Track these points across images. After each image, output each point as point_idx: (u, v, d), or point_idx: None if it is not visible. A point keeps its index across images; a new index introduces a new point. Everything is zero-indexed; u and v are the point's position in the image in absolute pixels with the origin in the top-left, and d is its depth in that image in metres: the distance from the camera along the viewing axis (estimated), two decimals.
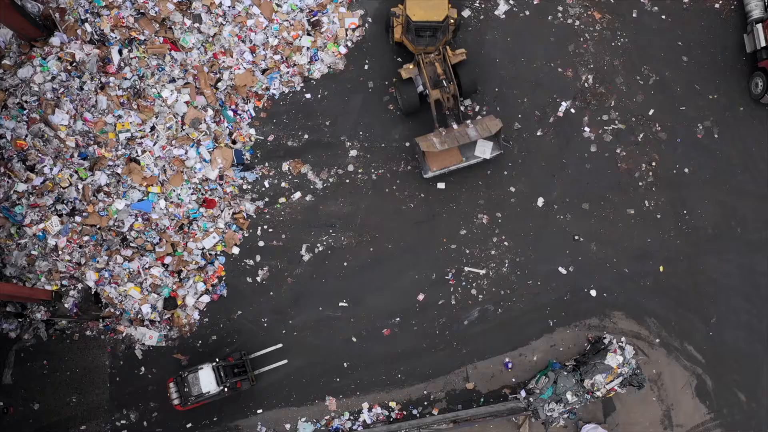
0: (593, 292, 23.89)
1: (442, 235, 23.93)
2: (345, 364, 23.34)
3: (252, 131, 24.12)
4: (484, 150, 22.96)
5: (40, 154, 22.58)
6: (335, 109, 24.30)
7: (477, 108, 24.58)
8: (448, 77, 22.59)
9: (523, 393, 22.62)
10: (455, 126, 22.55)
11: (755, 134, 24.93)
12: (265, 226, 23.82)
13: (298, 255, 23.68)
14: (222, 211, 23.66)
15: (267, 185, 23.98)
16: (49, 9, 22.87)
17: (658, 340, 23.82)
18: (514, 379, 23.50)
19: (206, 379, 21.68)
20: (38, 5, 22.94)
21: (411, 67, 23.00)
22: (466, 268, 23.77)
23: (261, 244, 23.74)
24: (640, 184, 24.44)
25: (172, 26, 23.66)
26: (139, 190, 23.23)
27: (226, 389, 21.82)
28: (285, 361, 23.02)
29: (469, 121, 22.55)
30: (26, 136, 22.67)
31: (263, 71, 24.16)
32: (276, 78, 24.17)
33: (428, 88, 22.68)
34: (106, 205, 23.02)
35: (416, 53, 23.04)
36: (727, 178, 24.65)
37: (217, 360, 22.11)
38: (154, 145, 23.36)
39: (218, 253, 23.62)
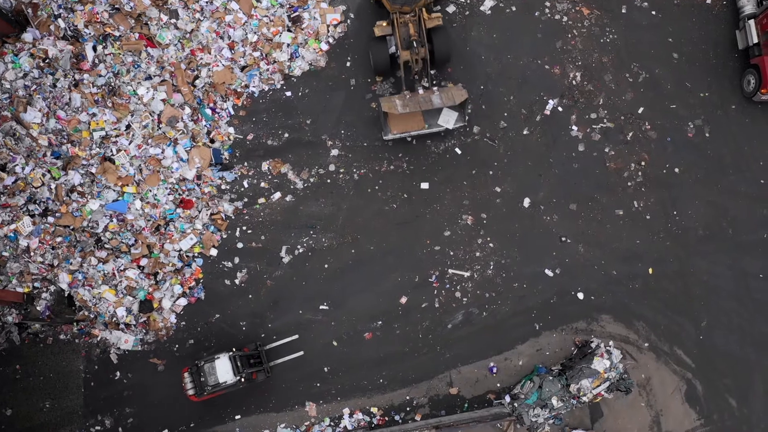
0: (580, 295, 23.69)
1: (425, 236, 23.73)
2: (325, 369, 23.16)
3: (231, 130, 23.92)
4: (448, 120, 22.89)
5: (11, 153, 22.33)
6: (316, 108, 24.09)
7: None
8: (420, 40, 22.42)
9: (507, 398, 22.46)
10: (421, 91, 22.39)
11: (747, 133, 24.69)
12: (244, 228, 23.62)
13: (277, 257, 23.50)
14: (200, 212, 23.47)
15: (246, 185, 23.78)
16: (21, 4, 22.60)
17: (646, 344, 23.62)
18: (498, 384, 23.31)
19: (223, 369, 21.53)
20: (10, 0, 22.62)
21: (385, 24, 22.88)
22: (450, 271, 23.54)
23: (240, 245, 23.54)
24: (629, 184, 24.24)
25: (148, 22, 23.45)
26: (114, 190, 23.03)
27: (242, 379, 21.62)
28: (301, 353, 22.90)
29: (435, 88, 22.45)
30: None
31: (242, 68, 23.95)
32: (255, 75, 23.95)
33: (399, 48, 22.52)
34: (80, 206, 22.82)
35: (392, 11, 22.86)
36: (718, 178, 24.43)
37: (234, 350, 21.91)
38: (129, 144, 23.16)
39: (196, 254, 23.44)
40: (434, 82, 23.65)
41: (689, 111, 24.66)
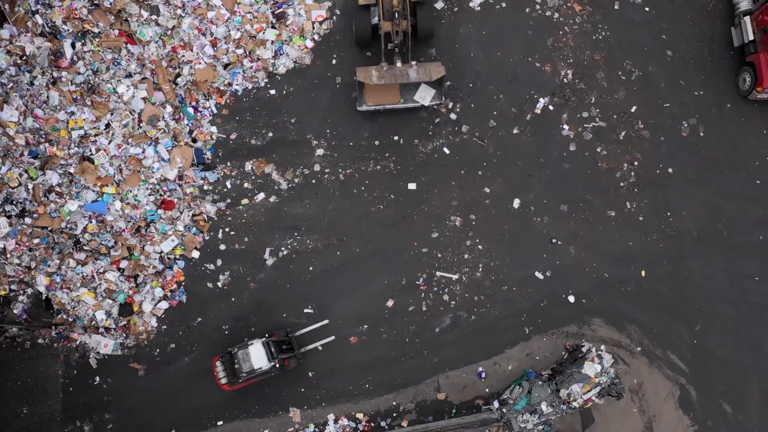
0: (571, 298, 23.55)
1: (412, 238, 23.56)
2: (310, 374, 23.00)
3: (213, 129, 23.73)
4: (425, 96, 22.88)
5: None
6: (301, 106, 23.91)
7: (450, 104, 24.11)
8: (402, 12, 22.40)
9: (496, 404, 22.34)
10: (399, 64, 22.35)
11: (743, 132, 24.53)
12: (227, 229, 23.45)
13: (261, 259, 23.33)
14: (181, 213, 23.30)
15: (229, 186, 23.60)
16: None
17: (639, 349, 23.48)
18: (487, 390, 23.17)
19: (257, 355, 21.51)
20: None
21: None
22: (438, 273, 23.36)
23: (222, 247, 23.37)
24: (622, 184, 24.07)
25: (128, 18, 23.26)
26: (93, 191, 22.86)
27: (276, 365, 21.63)
28: (332, 338, 22.82)
29: (414, 63, 22.39)
30: None
31: (225, 66, 23.77)
32: (239, 73, 23.77)
33: (381, 19, 22.51)
34: (58, 206, 22.64)
35: None
36: (713, 178, 24.27)
37: (267, 335, 21.86)
38: (109, 143, 22.99)
39: (177, 257, 23.27)
40: (417, 60, 23.29)
41: (683, 110, 24.49)
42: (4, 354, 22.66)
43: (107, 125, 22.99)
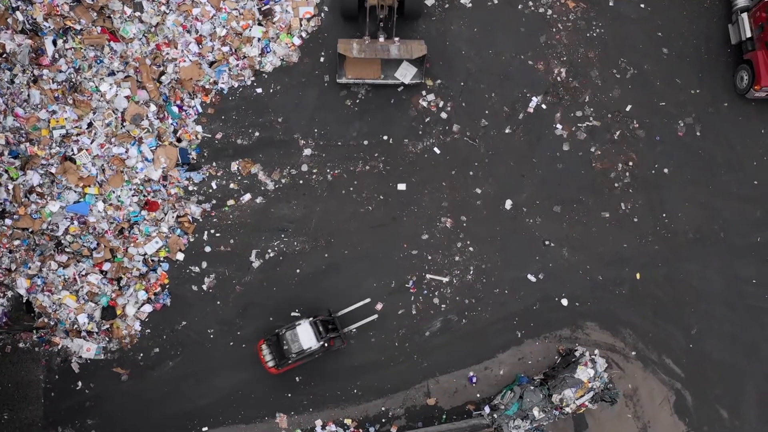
0: (564, 301, 23.45)
1: (402, 240, 23.44)
2: (297, 379, 22.89)
3: (198, 128, 23.58)
4: (405, 74, 23.00)
5: None
6: (288, 105, 23.76)
7: (441, 103, 23.92)
8: None
9: (487, 409, 22.27)
10: (381, 39, 22.44)
11: (740, 131, 24.42)
12: (212, 231, 23.32)
13: (247, 261, 23.20)
14: (165, 214, 23.17)
15: (214, 186, 23.46)
16: None
17: (634, 353, 23.39)
18: (478, 395, 23.08)
19: (306, 335, 21.56)
20: None
21: None
22: (428, 276, 23.25)
23: (207, 249, 23.25)
24: (616, 185, 23.96)
25: (111, 15, 23.09)
26: (75, 191, 22.70)
27: (325, 345, 21.70)
28: (375, 316, 22.80)
29: (397, 39, 22.49)
30: None
31: (210, 64, 23.61)
32: (224, 71, 23.61)
33: None
34: (39, 207, 22.48)
35: None
36: (709, 179, 24.17)
37: (313, 316, 21.85)
38: (91, 142, 22.83)
39: (161, 259, 23.13)
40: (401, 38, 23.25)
41: (679, 109, 24.38)
42: None
43: (89, 124, 22.82)
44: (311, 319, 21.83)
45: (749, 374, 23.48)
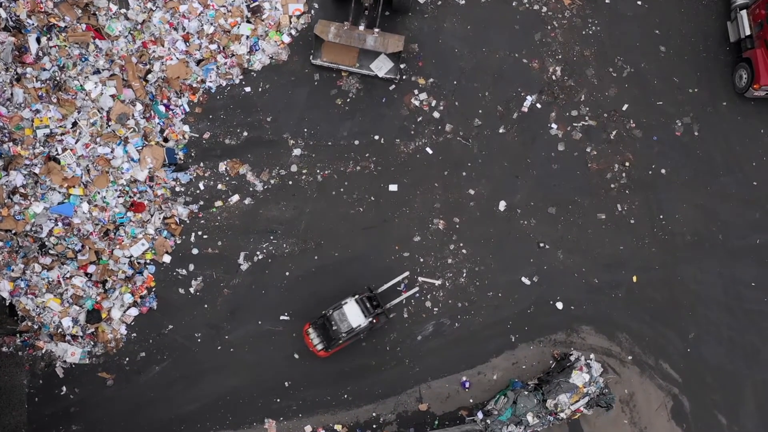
0: (559, 305, 23.34)
1: (393, 242, 23.33)
2: (286, 383, 22.77)
3: (186, 128, 23.47)
4: (381, 67, 23.03)
5: None
6: (278, 104, 23.65)
7: (433, 102, 23.78)
8: None
9: (480, 415, 22.11)
10: (361, 28, 22.45)
11: (739, 131, 24.35)
12: (200, 233, 23.20)
13: (235, 264, 23.08)
14: (152, 216, 23.04)
15: (202, 187, 23.34)
16: None
17: (630, 357, 23.28)
18: (471, 400, 22.96)
19: (353, 313, 21.62)
20: None
21: None
22: (420, 279, 23.18)
23: (195, 251, 23.13)
24: (613, 186, 23.86)
25: (96, 12, 22.96)
26: (60, 192, 22.54)
27: (373, 321, 21.78)
28: (416, 288, 22.75)
29: (377, 30, 22.49)
30: None
31: (198, 62, 23.51)
32: (212, 70, 23.51)
33: None
34: (23, 209, 22.28)
35: None
36: (707, 180, 24.09)
37: (356, 294, 21.97)
38: (76, 142, 22.68)
39: (147, 261, 23.02)
40: (382, 29, 23.17)
41: (677, 108, 24.30)
42: None
43: (74, 124, 22.67)
44: (356, 296, 21.85)
45: (748, 379, 23.37)
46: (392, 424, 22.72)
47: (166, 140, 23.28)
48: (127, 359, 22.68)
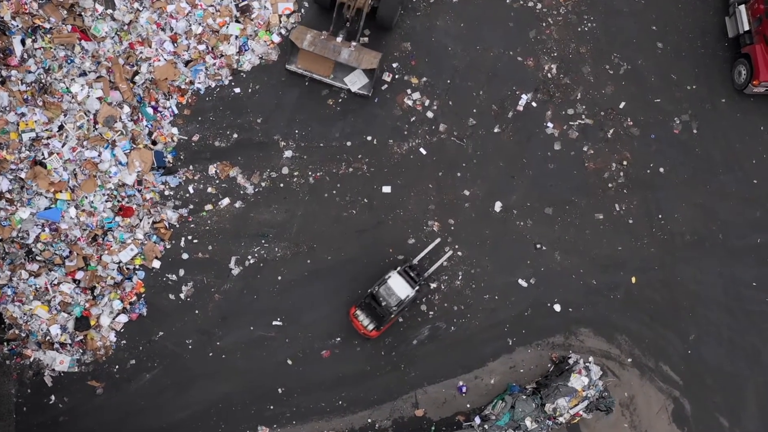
0: (557, 307, 23.26)
1: (387, 244, 23.22)
2: (280, 390, 22.68)
3: (174, 130, 23.34)
4: (355, 82, 22.93)
5: None
6: (268, 105, 23.53)
7: (427, 102, 23.69)
8: None
9: (477, 420, 22.11)
10: (339, 39, 22.40)
11: (738, 129, 24.25)
12: (190, 237, 23.09)
13: (226, 268, 22.98)
14: (141, 220, 22.93)
15: (191, 191, 23.23)
16: None
17: (630, 360, 23.20)
18: (468, 405, 22.87)
19: (399, 285, 21.72)
20: None
21: None
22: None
23: (185, 256, 23.01)
24: (610, 185, 23.77)
25: (82, 13, 22.81)
26: (46, 197, 22.44)
27: (419, 289, 22.02)
28: (450, 252, 22.84)
29: (354, 44, 22.44)
30: None
31: (186, 63, 23.38)
32: (201, 71, 23.38)
33: None
34: (9, 214, 22.20)
35: None
36: (707, 178, 24.00)
37: (398, 266, 22.05)
38: (62, 146, 22.57)
39: (137, 267, 22.90)
40: (360, 43, 23.11)
41: (675, 105, 24.20)
42: None
43: (60, 127, 22.57)
44: (398, 269, 21.91)
45: (750, 381, 23.30)
46: (388, 430, 22.64)
47: (154, 143, 23.14)
48: (117, 367, 22.56)
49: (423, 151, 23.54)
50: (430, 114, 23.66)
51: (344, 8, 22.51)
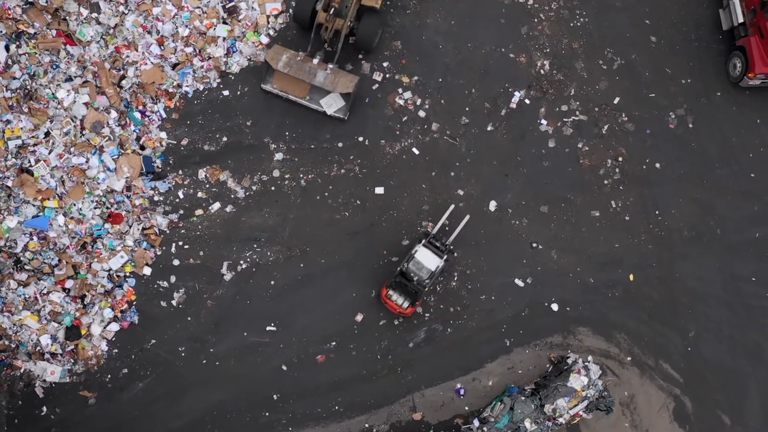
0: (555, 306, 23.23)
1: (381, 246, 23.17)
2: (275, 396, 22.58)
3: (163, 135, 23.24)
4: (331, 104, 22.84)
5: None
6: (257, 108, 23.44)
7: (418, 101, 23.67)
8: (338, 8, 22.33)
9: (476, 422, 22.05)
10: (316, 61, 22.31)
11: (734, 122, 24.26)
12: (181, 243, 22.98)
13: (218, 274, 22.89)
14: (130, 227, 22.82)
15: (181, 196, 23.13)
16: None
17: (629, 358, 23.18)
18: (466, 408, 22.82)
19: (428, 257, 21.76)
20: None
21: None
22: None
23: (176, 262, 22.92)
24: (606, 182, 23.74)
25: (67, 17, 22.70)
26: (34, 205, 22.30)
27: (447, 257, 22.10)
28: (468, 217, 22.72)
29: (330, 66, 22.34)
30: None
31: (174, 66, 23.29)
32: (188, 73, 23.30)
33: (320, 6, 22.44)
34: None
35: None
36: (704, 173, 23.99)
37: (421, 239, 22.15)
38: (49, 153, 22.44)
39: (127, 274, 22.76)
40: (337, 65, 22.89)
41: (670, 100, 24.19)
42: None
43: (47, 134, 22.44)
44: (422, 241, 21.99)
45: (751, 377, 23.29)
46: None
47: (142, 148, 23.03)
48: (109, 376, 22.44)
49: (416, 150, 23.49)
50: (422, 113, 23.60)
51: (322, 29, 22.40)
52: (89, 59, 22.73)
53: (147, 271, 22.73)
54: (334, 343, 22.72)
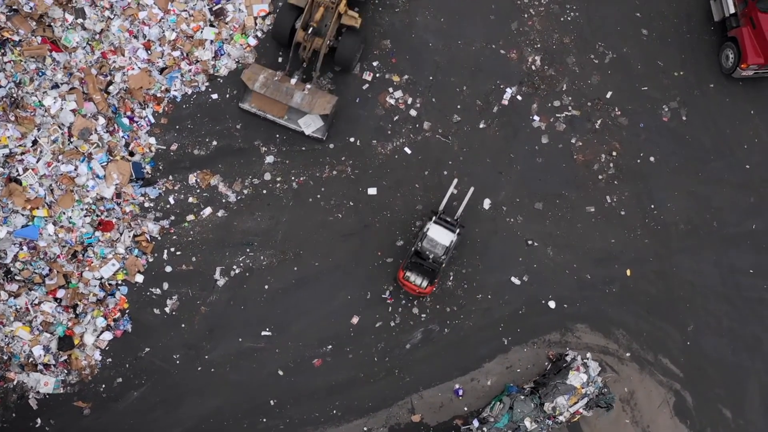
0: (552, 304, 23.19)
1: (376, 247, 23.12)
2: (272, 402, 22.51)
3: (152, 140, 23.18)
4: (309, 124, 22.73)
5: None
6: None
7: (410, 100, 23.61)
8: (317, 28, 22.21)
9: (476, 423, 21.97)
10: (293, 81, 22.27)
11: (728, 114, 24.26)
12: (172, 249, 22.91)
13: (211, 280, 22.82)
14: (121, 234, 22.75)
15: (172, 201, 23.08)
16: None
17: (628, 354, 23.15)
18: (466, 408, 22.76)
19: (440, 233, 21.91)
20: None
21: None
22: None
23: (168, 269, 22.83)
24: (600, 177, 23.73)
25: (52, 23, 22.63)
26: (23, 215, 22.20)
27: (459, 232, 22.19)
28: (472, 188, 22.76)
29: (309, 86, 22.33)
30: None
31: (161, 70, 23.24)
32: (176, 78, 23.25)
33: (299, 24, 22.39)
34: None
35: None
36: (698, 166, 23.98)
37: (431, 216, 22.32)
38: (37, 161, 22.36)
39: (119, 282, 22.69)
40: (316, 84, 23.00)
41: (663, 93, 24.19)
42: None
43: (34, 142, 22.36)
44: (433, 218, 22.05)
45: (751, 370, 23.27)
46: None
47: (131, 154, 22.96)
48: (104, 386, 22.34)
49: (408, 150, 23.44)
50: (413, 112, 23.55)
51: (301, 48, 22.32)
52: (75, 65, 22.67)
53: (139, 278, 22.65)
54: (330, 346, 22.66)
